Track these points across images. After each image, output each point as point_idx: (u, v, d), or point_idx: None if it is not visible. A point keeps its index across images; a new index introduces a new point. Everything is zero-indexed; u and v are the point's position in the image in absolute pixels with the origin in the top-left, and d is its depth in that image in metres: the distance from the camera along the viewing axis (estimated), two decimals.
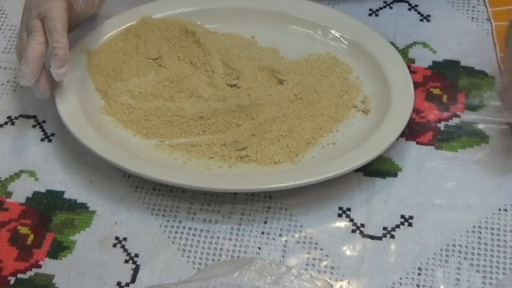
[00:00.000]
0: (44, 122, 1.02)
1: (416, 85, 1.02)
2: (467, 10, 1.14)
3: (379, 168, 0.96)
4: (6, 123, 1.02)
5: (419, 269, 0.88)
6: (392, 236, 0.91)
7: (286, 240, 0.91)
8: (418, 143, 0.99)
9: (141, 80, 1.03)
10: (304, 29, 1.09)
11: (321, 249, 0.90)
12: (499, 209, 0.93)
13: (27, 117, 1.03)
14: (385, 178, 0.96)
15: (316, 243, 0.90)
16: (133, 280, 0.88)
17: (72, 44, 1.04)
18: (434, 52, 1.08)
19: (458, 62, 1.07)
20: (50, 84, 0.97)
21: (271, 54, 1.06)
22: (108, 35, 1.06)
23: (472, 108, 1.02)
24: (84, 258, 0.89)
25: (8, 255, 0.90)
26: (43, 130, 1.01)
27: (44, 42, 0.96)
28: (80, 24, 1.06)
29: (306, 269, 0.88)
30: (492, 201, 0.93)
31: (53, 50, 0.95)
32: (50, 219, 0.93)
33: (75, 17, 1.01)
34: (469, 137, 0.99)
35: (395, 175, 0.96)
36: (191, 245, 0.90)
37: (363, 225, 0.92)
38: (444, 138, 0.99)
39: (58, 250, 0.90)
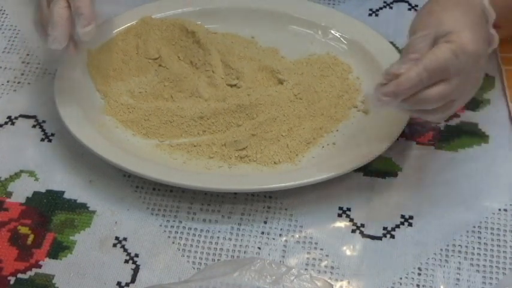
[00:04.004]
0: (44, 122, 1.02)
1: None
2: None
3: (379, 168, 0.96)
4: (6, 123, 1.02)
5: (419, 269, 0.88)
6: (392, 236, 0.91)
7: (286, 240, 0.91)
8: (418, 143, 0.99)
9: (141, 80, 1.03)
10: (304, 29, 1.09)
11: (321, 249, 0.90)
12: (499, 209, 0.93)
13: (27, 117, 1.03)
14: (385, 178, 0.96)
15: (316, 243, 0.90)
16: (133, 280, 0.88)
17: None
18: None
19: None
20: (78, 47, 0.97)
21: (271, 54, 1.06)
22: (108, 35, 1.06)
23: (472, 108, 1.02)
24: (84, 258, 0.89)
25: (8, 255, 0.90)
26: (43, 130, 1.01)
27: (67, 6, 0.94)
28: None
29: (306, 269, 0.88)
30: (492, 201, 0.93)
31: (77, 10, 0.93)
32: (50, 219, 0.93)
33: None
34: (469, 137, 0.99)
35: (395, 175, 0.96)
36: (191, 245, 0.90)
37: (363, 225, 0.92)
38: (444, 138, 0.99)
39: (58, 250, 0.90)
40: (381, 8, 1.15)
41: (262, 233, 0.91)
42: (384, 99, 0.83)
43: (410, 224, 0.92)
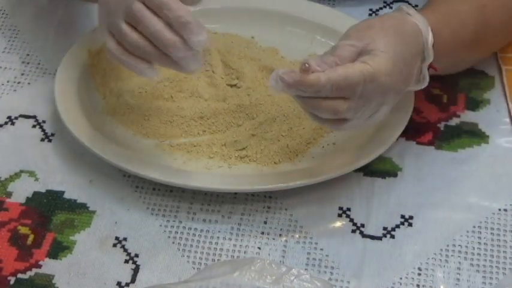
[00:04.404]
0: (44, 122, 1.02)
1: None
2: None
3: (379, 168, 0.96)
4: (6, 123, 1.02)
5: (419, 269, 0.88)
6: (392, 236, 0.91)
7: (286, 240, 0.91)
8: (418, 143, 0.99)
9: (141, 80, 1.03)
10: (304, 29, 1.09)
11: (321, 249, 0.90)
12: (499, 209, 0.93)
13: (27, 117, 1.03)
14: (385, 178, 0.96)
15: (316, 243, 0.90)
16: (133, 280, 0.88)
17: (72, 44, 1.05)
18: None
19: None
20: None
21: (271, 54, 1.06)
22: None
23: (472, 108, 1.02)
24: (84, 258, 0.89)
25: (8, 255, 0.90)
26: (43, 130, 1.01)
27: (162, 21, 0.85)
28: None
29: (306, 269, 0.88)
30: (492, 201, 0.93)
31: (180, 19, 0.83)
32: (50, 219, 0.93)
33: None
34: (469, 137, 0.99)
35: (395, 175, 0.96)
36: (191, 245, 0.90)
37: (363, 225, 0.92)
38: (444, 138, 0.99)
39: (58, 250, 0.90)
40: (381, 8, 1.15)
41: (262, 233, 0.91)
42: (279, 83, 0.82)
43: (410, 224, 0.92)
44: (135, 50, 0.86)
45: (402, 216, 0.93)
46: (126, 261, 0.89)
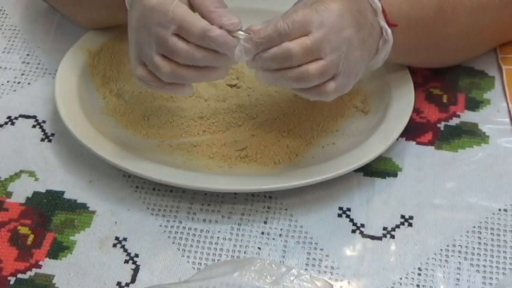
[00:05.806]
0: (44, 122, 1.02)
1: (416, 85, 1.02)
2: None
3: (379, 168, 0.96)
4: (6, 123, 1.02)
5: (419, 269, 0.88)
6: (392, 236, 0.91)
7: (286, 240, 0.91)
8: (418, 143, 0.99)
9: None
10: None
11: (321, 249, 0.90)
12: (499, 209, 0.93)
13: (27, 117, 1.03)
14: (385, 178, 0.96)
15: (316, 243, 0.90)
16: (133, 280, 0.88)
17: (72, 44, 1.05)
18: None
19: None
20: None
21: None
22: (108, 35, 1.06)
23: (472, 108, 1.02)
24: (84, 258, 0.89)
25: (8, 255, 0.90)
26: (43, 130, 1.01)
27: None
28: None
29: (306, 269, 0.88)
30: (492, 201, 0.93)
31: (216, 40, 0.85)
32: (50, 219, 0.93)
33: None
34: (469, 137, 1.00)
35: (395, 175, 0.96)
36: (191, 245, 0.90)
37: (363, 225, 0.92)
38: (444, 138, 0.99)
39: (58, 250, 0.90)
40: None
41: (262, 233, 0.91)
42: (244, 45, 0.84)
43: (410, 224, 0.92)
44: (170, 79, 0.86)
45: (402, 216, 0.93)
46: (126, 262, 0.89)
